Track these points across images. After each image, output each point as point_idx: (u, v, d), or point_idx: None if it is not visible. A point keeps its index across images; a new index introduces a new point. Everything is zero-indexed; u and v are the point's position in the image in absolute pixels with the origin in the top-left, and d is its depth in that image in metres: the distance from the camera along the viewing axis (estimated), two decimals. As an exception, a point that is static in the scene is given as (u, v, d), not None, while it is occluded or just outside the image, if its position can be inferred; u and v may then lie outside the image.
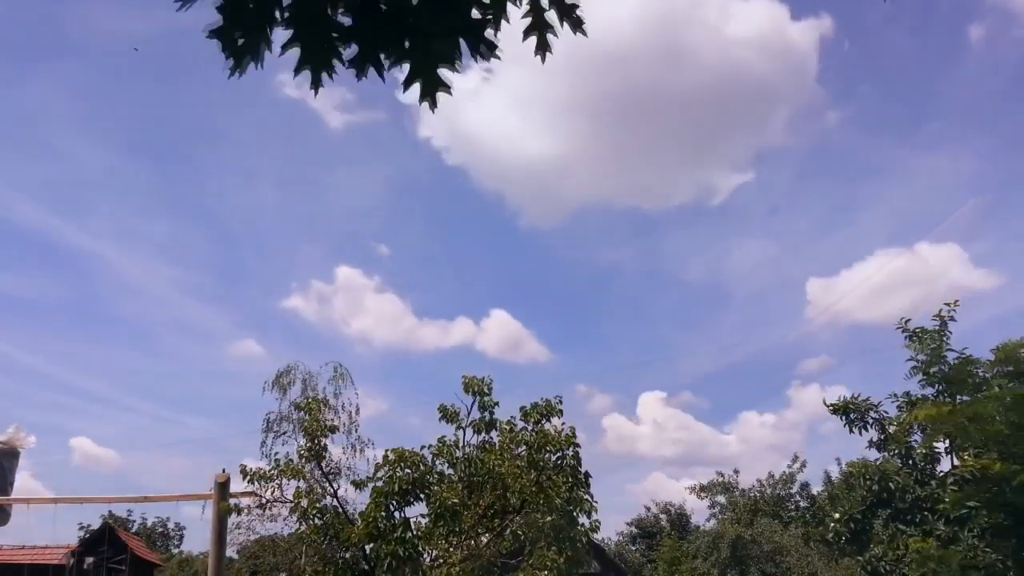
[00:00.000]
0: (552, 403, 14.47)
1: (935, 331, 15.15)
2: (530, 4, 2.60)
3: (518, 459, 13.78)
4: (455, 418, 14.35)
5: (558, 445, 14.10)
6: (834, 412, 16.56)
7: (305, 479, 13.38)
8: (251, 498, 13.51)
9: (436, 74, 2.48)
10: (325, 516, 13.17)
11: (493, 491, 13.30)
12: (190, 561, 39.17)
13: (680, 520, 46.97)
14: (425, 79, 2.48)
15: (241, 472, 13.45)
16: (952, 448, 15.47)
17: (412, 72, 2.47)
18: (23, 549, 24.02)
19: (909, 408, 15.41)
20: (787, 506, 42.37)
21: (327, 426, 13.77)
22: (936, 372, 14.84)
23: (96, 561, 24.58)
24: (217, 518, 13.71)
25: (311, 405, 14.15)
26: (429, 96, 2.51)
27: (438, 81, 2.49)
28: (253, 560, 21.45)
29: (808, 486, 42.71)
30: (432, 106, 2.53)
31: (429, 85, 2.49)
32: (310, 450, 13.35)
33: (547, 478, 13.38)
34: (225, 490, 13.80)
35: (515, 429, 14.40)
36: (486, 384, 14.30)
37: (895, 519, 15.88)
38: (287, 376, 18.47)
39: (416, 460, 13.10)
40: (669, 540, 39.67)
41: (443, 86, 2.50)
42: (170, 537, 45.70)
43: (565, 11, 2.62)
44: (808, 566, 33.52)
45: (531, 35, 2.65)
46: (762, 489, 43.44)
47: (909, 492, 15.82)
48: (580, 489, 14.13)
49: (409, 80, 2.48)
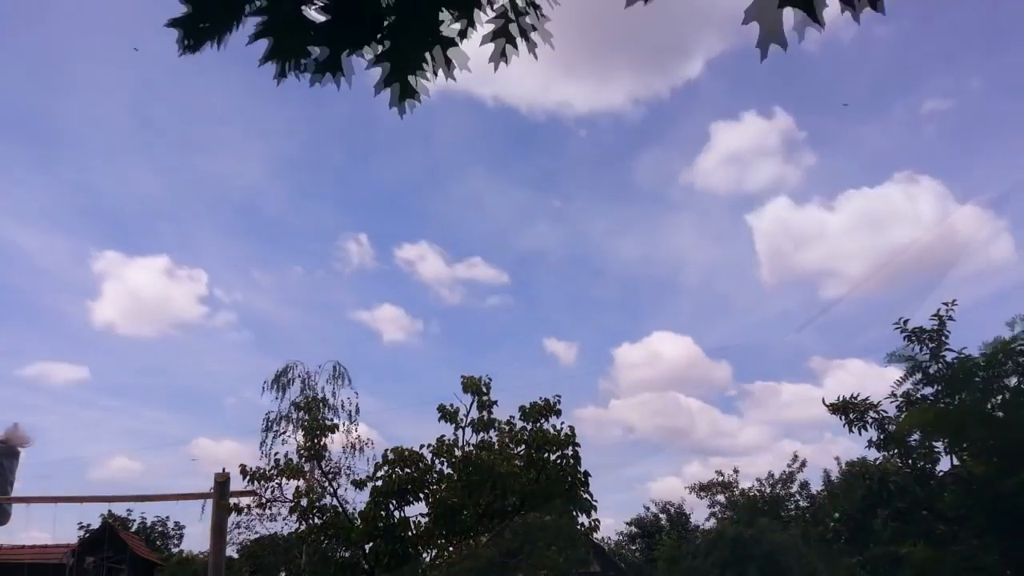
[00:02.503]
0: (551, 402, 14.50)
1: (933, 330, 15.17)
2: (496, 14, 2.63)
3: (517, 458, 13.80)
4: (454, 417, 14.37)
5: (557, 444, 14.12)
6: (833, 412, 16.56)
7: (305, 478, 13.41)
8: (251, 497, 13.54)
9: (408, 81, 2.51)
10: (325, 515, 13.20)
11: (492, 490, 13.32)
12: (190, 560, 39.20)
13: (679, 519, 46.98)
14: (401, 83, 2.52)
15: (241, 472, 13.49)
16: (951, 448, 15.48)
17: (388, 76, 2.50)
18: (23, 549, 24.05)
19: (908, 408, 15.42)
20: (787, 505, 42.41)
21: (326, 425, 13.79)
22: (935, 372, 14.85)
23: (96, 561, 24.60)
24: (217, 517, 13.73)
25: (310, 404, 14.18)
26: (401, 102, 2.55)
27: (410, 88, 2.53)
28: (253, 559, 21.48)
29: (808, 485, 42.76)
30: (402, 112, 2.56)
31: (402, 91, 2.53)
32: (309, 449, 13.37)
33: (546, 477, 13.40)
34: (225, 489, 13.82)
35: (514, 428, 14.42)
36: (484, 384, 14.33)
37: (894, 519, 15.91)
38: (286, 375, 18.53)
39: (415, 459, 13.12)
40: (668, 539, 39.69)
41: (414, 93, 2.54)
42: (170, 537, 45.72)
43: (523, 31, 2.67)
44: (808, 566, 33.54)
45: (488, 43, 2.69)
46: (762, 488, 43.49)
47: (908, 492, 15.84)
48: (579, 488, 14.15)
49: (382, 84, 2.51)
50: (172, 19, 2.35)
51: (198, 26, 2.37)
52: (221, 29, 2.39)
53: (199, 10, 2.36)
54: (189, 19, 2.36)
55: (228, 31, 2.40)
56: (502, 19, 2.65)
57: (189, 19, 2.36)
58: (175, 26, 2.36)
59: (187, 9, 2.36)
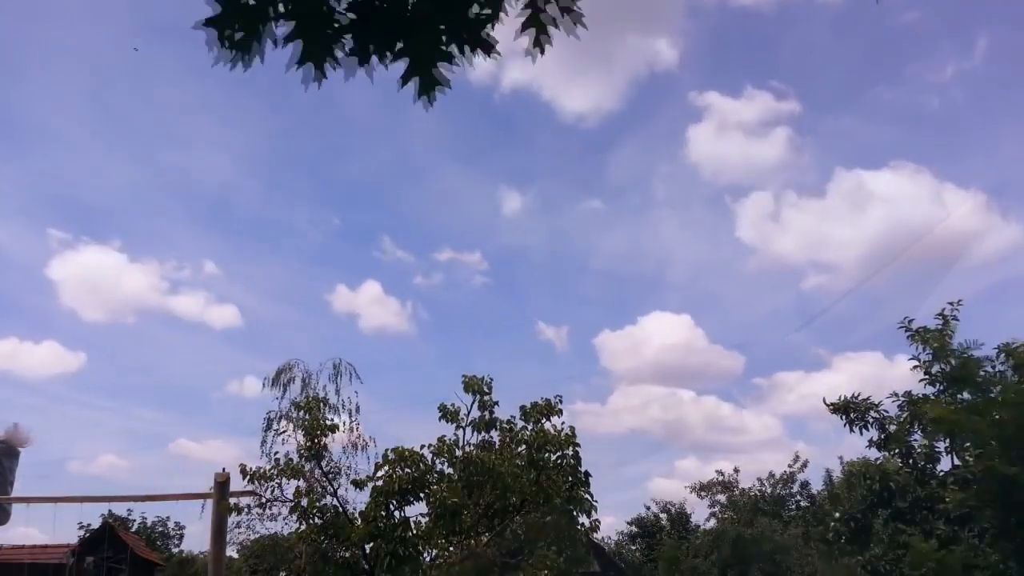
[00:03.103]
0: (552, 402, 14.48)
1: (938, 330, 15.15)
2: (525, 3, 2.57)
3: (518, 458, 13.78)
4: (455, 417, 14.34)
5: (558, 444, 14.10)
6: (834, 411, 16.55)
7: (305, 478, 13.38)
8: (251, 497, 13.51)
9: (433, 71, 2.47)
10: (325, 515, 13.18)
11: (493, 490, 13.28)
12: (190, 560, 39.19)
13: (680, 519, 46.96)
14: (423, 76, 2.47)
15: (241, 471, 13.46)
16: (953, 448, 15.45)
17: (410, 68, 2.46)
18: (23, 549, 24.02)
19: (911, 406, 15.40)
20: (787, 505, 42.40)
21: (327, 425, 13.76)
22: (938, 371, 14.83)
23: (96, 561, 24.58)
24: (217, 517, 13.69)
25: (311, 404, 14.15)
26: (427, 92, 2.50)
27: (436, 78, 2.48)
28: (253, 559, 21.48)
29: (808, 485, 42.76)
30: (430, 102, 2.52)
31: (427, 81, 2.48)
32: (310, 449, 13.35)
33: (547, 477, 13.37)
34: (225, 489, 13.78)
35: (515, 428, 14.40)
36: (486, 383, 14.32)
37: (895, 519, 15.88)
38: (287, 374, 18.50)
39: (416, 459, 13.10)
40: (669, 539, 39.67)
41: (442, 82, 2.49)
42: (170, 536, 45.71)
43: (565, 6, 2.58)
44: (808, 565, 33.51)
45: (527, 30, 2.62)
46: (762, 488, 43.47)
47: (909, 492, 15.82)
48: (580, 488, 14.13)
49: (407, 76, 2.47)
50: (206, 20, 2.33)
51: (232, 26, 2.34)
52: (254, 30, 2.37)
53: (230, 10, 2.34)
54: (221, 19, 2.34)
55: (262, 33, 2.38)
56: (531, 8, 2.58)
57: (221, 19, 2.34)
58: (209, 26, 2.34)
59: (219, 9, 2.34)
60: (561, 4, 2.57)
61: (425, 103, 2.51)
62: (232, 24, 2.35)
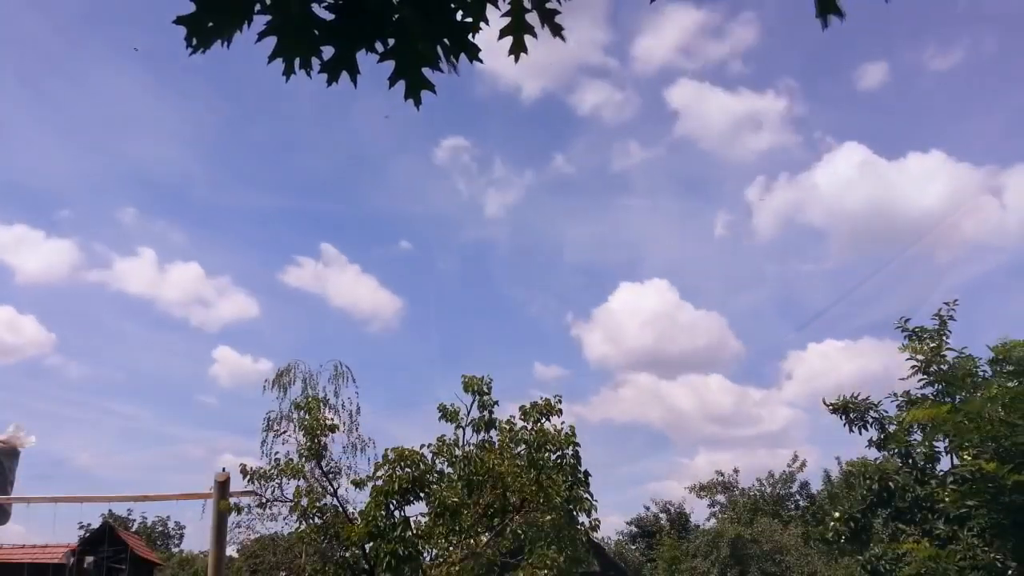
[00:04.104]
0: (552, 402, 14.52)
1: (935, 330, 15.16)
2: (511, 5, 2.60)
3: (518, 458, 13.80)
4: (455, 417, 14.38)
5: (558, 444, 14.13)
6: (833, 411, 16.55)
7: (305, 478, 13.39)
8: (251, 497, 13.52)
9: (420, 74, 2.49)
10: (325, 515, 13.19)
11: (493, 490, 13.31)
12: (190, 560, 39.21)
13: (680, 519, 47.02)
14: (410, 78, 2.50)
15: (241, 471, 13.48)
16: (952, 447, 15.46)
17: (397, 71, 2.49)
18: (23, 548, 24.03)
19: (908, 407, 15.41)
20: (787, 505, 42.45)
21: (327, 425, 13.78)
22: (935, 372, 14.84)
23: (96, 560, 24.59)
24: (217, 517, 13.71)
25: (311, 404, 14.17)
26: (414, 94, 2.53)
27: (422, 80, 2.51)
28: (253, 559, 21.50)
29: (808, 485, 42.82)
30: (417, 104, 2.55)
31: (414, 84, 2.51)
32: (310, 449, 13.36)
33: (547, 477, 13.40)
34: (225, 489, 13.79)
35: (514, 428, 14.43)
36: (485, 383, 14.35)
37: (895, 518, 15.88)
38: (288, 375, 18.50)
39: (416, 459, 13.12)
40: (669, 539, 39.69)
41: (427, 85, 2.52)
42: (170, 536, 45.75)
43: (546, 16, 2.60)
44: (808, 565, 33.54)
45: (507, 36, 2.64)
46: (762, 488, 43.52)
47: (909, 491, 15.82)
48: (580, 488, 14.17)
49: (394, 78, 2.50)
50: (179, 16, 2.31)
51: (205, 24, 2.34)
52: (229, 27, 2.36)
53: (205, 8, 2.33)
54: (195, 17, 2.33)
55: (237, 29, 2.37)
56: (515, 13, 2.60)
57: (195, 17, 2.33)
58: (181, 24, 2.33)
59: (194, 7, 2.33)
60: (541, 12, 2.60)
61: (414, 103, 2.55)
62: (205, 23, 2.34)
